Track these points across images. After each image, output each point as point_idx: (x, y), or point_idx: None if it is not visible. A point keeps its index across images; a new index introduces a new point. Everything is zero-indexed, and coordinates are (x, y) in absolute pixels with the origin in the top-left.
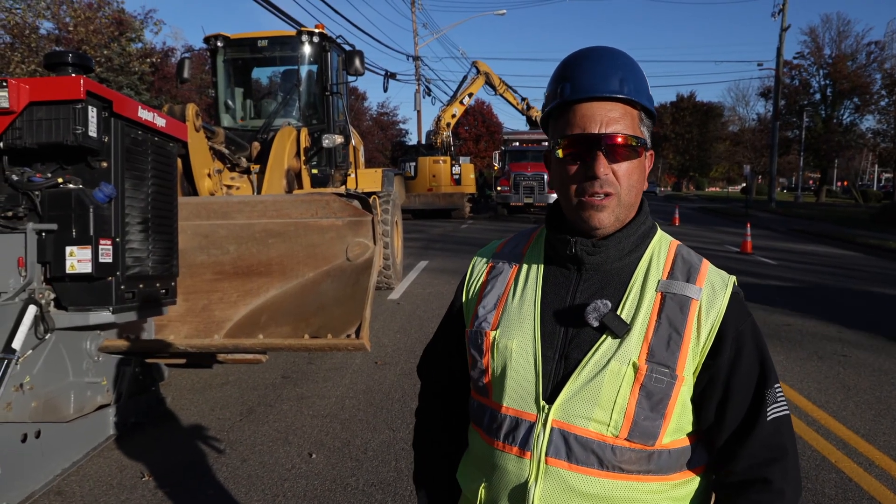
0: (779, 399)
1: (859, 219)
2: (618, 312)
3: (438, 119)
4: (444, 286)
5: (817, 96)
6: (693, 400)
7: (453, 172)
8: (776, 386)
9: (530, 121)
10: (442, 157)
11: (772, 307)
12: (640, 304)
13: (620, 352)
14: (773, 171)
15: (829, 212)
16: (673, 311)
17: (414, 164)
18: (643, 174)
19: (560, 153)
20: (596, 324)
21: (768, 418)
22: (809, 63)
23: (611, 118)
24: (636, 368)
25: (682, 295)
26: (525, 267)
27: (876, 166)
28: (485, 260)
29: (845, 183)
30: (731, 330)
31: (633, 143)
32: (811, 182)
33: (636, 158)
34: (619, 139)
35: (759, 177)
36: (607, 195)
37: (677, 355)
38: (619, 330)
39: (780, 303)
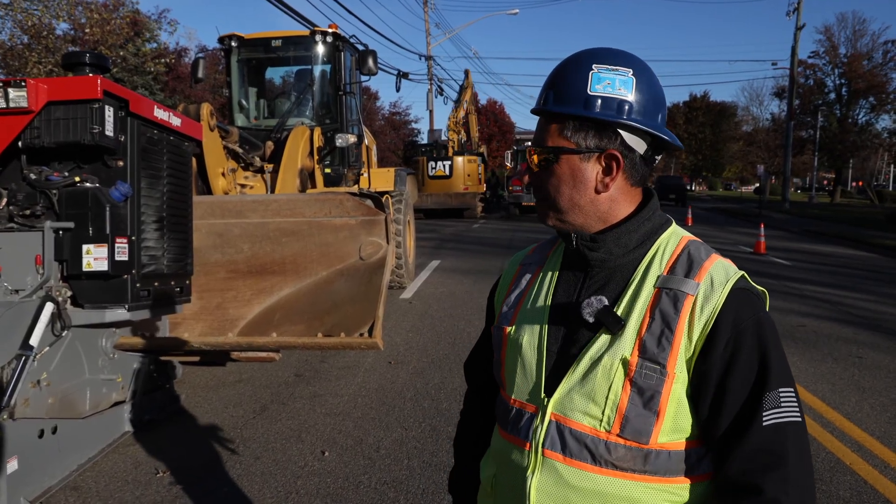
0: (782, 404)
1: (875, 219)
2: (615, 308)
3: (457, 121)
4: (457, 286)
5: (832, 96)
6: (689, 398)
7: (479, 172)
8: (781, 390)
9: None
10: (474, 157)
11: (786, 308)
12: (636, 299)
13: (613, 348)
14: (787, 172)
15: (844, 212)
16: (666, 307)
17: (449, 163)
18: (573, 179)
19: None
20: (591, 320)
21: (764, 423)
22: (824, 62)
23: (539, 130)
24: (627, 364)
25: (677, 290)
26: (545, 269)
27: (892, 167)
28: (515, 264)
29: (860, 183)
30: (726, 327)
31: (542, 155)
32: (826, 182)
33: (552, 165)
34: (529, 152)
35: (773, 177)
36: (541, 200)
37: (668, 352)
38: (613, 326)
39: (794, 304)
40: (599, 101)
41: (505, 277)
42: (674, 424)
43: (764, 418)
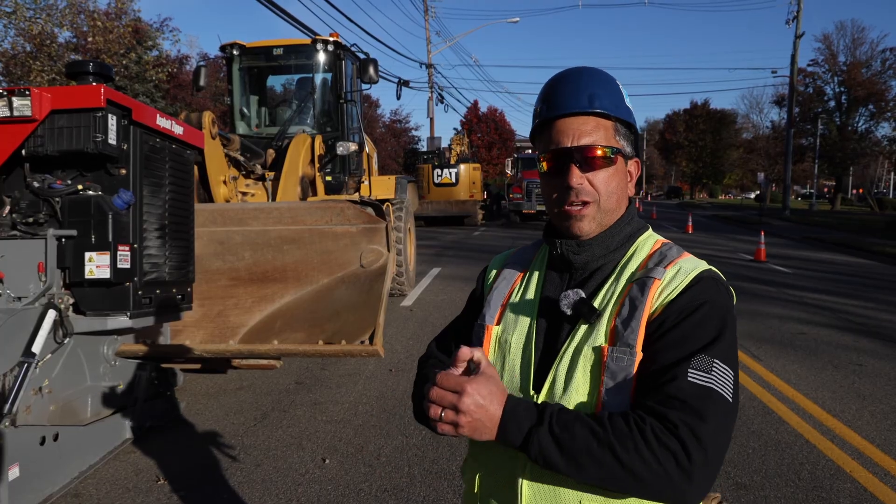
0: (713, 371)
1: (875, 227)
2: (593, 302)
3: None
4: (457, 293)
5: (832, 104)
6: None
7: (482, 179)
8: (717, 361)
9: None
10: (477, 165)
11: (786, 316)
12: (612, 293)
13: (592, 337)
14: (788, 179)
15: (845, 220)
16: (635, 292)
17: (456, 170)
18: (623, 181)
19: (543, 167)
20: (569, 311)
21: (689, 378)
22: (824, 70)
23: (583, 131)
24: (602, 351)
25: (645, 277)
26: (530, 272)
27: (892, 174)
28: (498, 263)
29: (860, 191)
30: (685, 298)
31: (607, 153)
32: (826, 190)
33: (611, 166)
34: (591, 150)
35: (774, 184)
36: (584, 203)
37: (637, 333)
38: (588, 315)
39: (794, 311)
40: (631, 112)
41: (488, 275)
42: None
43: (689, 374)
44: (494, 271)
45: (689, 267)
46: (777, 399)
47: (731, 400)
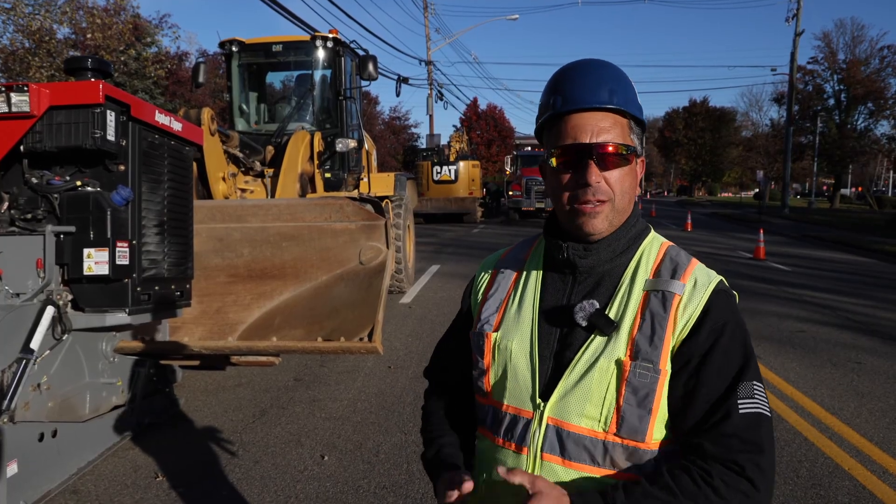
0: (755, 395)
1: (874, 225)
2: (606, 312)
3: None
4: (456, 290)
5: (831, 101)
6: (669, 388)
7: (480, 177)
8: (754, 383)
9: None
10: (476, 162)
11: (785, 314)
12: (627, 302)
13: (608, 350)
14: (787, 177)
15: (844, 218)
16: (656, 307)
17: (455, 168)
18: (635, 180)
19: (554, 162)
20: (584, 323)
21: (741, 411)
22: (823, 68)
23: (601, 128)
24: (622, 365)
25: (665, 291)
26: (526, 273)
27: (891, 172)
28: (489, 266)
29: (860, 189)
30: (708, 322)
31: (624, 151)
32: (825, 188)
33: (627, 165)
34: (610, 148)
35: (773, 182)
36: (600, 202)
37: (660, 350)
38: (606, 328)
39: (793, 309)
40: (641, 109)
41: (479, 281)
42: (664, 420)
43: (740, 406)
44: (487, 276)
45: (704, 280)
46: (776, 397)
47: (770, 415)
